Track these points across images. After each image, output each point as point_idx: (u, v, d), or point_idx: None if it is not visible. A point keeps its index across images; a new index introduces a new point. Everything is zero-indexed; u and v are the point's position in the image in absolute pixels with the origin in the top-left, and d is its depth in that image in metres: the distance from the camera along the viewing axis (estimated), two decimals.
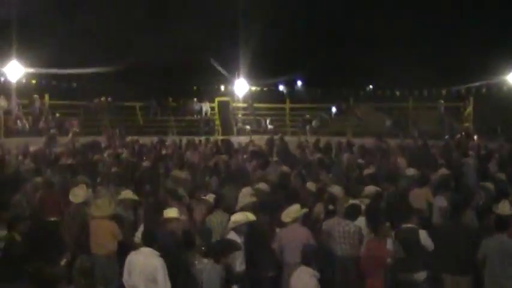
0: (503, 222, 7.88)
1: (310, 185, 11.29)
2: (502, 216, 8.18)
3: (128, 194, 9.99)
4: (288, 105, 32.57)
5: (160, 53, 32.30)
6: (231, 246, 7.32)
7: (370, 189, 10.33)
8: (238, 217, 8.11)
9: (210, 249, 7.31)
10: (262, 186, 10.88)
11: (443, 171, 12.75)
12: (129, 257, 7.12)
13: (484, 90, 29.69)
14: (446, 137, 25.23)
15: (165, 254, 7.03)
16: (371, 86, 39.36)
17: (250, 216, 8.13)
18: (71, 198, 9.91)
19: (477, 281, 8.02)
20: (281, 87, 39.82)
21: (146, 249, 7.02)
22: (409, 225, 8.09)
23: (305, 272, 6.76)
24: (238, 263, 7.94)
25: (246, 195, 9.90)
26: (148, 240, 7.11)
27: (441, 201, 10.26)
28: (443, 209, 9.86)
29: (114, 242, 8.76)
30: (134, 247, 7.59)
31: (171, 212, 8.39)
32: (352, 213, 8.76)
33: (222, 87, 33.77)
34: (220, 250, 7.16)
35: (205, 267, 7.35)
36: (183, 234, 7.84)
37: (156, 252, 6.96)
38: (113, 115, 29.05)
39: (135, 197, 10.04)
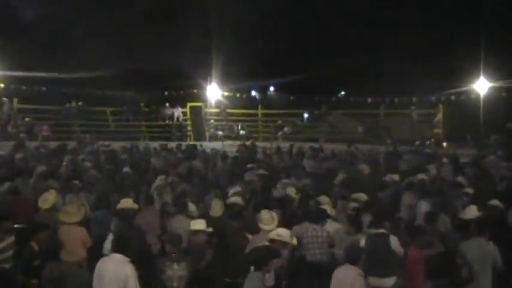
0: (481, 226, 7.99)
1: (291, 191, 11.35)
2: (469, 220, 8.32)
3: (128, 202, 9.75)
4: (260, 111, 32.61)
5: (133, 58, 32.07)
6: (272, 253, 7.18)
7: (360, 195, 10.39)
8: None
9: (251, 257, 7.17)
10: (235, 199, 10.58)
11: (422, 176, 12.96)
12: (99, 264, 6.96)
13: (453, 97, 30.13)
14: (417, 143, 25.52)
15: (136, 261, 6.93)
16: (343, 93, 39.64)
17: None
18: (40, 204, 9.76)
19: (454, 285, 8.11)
20: (254, 93, 39.79)
21: (117, 255, 6.88)
22: (380, 230, 8.14)
23: (352, 270, 6.75)
24: None
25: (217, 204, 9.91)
26: (120, 247, 6.98)
27: (424, 207, 10.35)
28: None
29: (84, 249, 8.64)
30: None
31: (199, 224, 8.25)
32: (320, 217, 8.79)
33: (195, 93, 33.65)
34: (262, 257, 6.98)
35: (176, 273, 7.32)
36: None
37: (127, 259, 6.83)
38: (84, 120, 28.72)
39: (135, 206, 9.85)
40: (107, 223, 9.52)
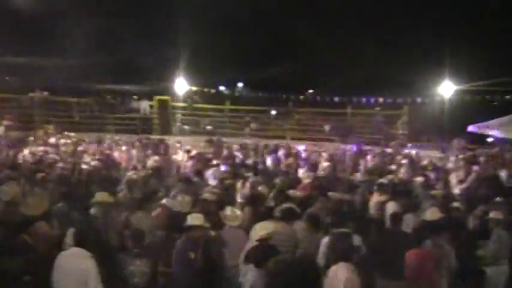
0: (436, 228, 8.11)
1: (263, 189, 11.34)
2: (430, 222, 8.45)
3: (103, 196, 9.58)
4: (228, 107, 32.56)
5: (101, 50, 31.72)
6: (272, 251, 7.17)
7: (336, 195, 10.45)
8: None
9: (251, 254, 7.13)
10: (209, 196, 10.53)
11: (391, 177, 13.10)
12: (59, 258, 6.82)
13: (418, 100, 30.53)
14: (382, 143, 25.80)
15: (97, 256, 6.83)
16: (311, 91, 39.87)
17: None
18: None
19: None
20: (222, 88, 39.75)
21: (77, 249, 6.76)
22: (343, 229, 8.19)
23: (344, 267, 6.78)
24: None
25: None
26: (80, 241, 6.87)
27: (393, 207, 10.44)
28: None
29: (46, 243, 8.48)
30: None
31: (196, 219, 7.96)
32: (289, 216, 8.80)
33: (162, 86, 33.46)
34: (262, 255, 6.98)
35: (138, 269, 7.26)
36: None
37: (87, 253, 6.72)
38: (48, 110, 28.24)
39: (111, 199, 9.71)
40: (68, 217, 9.37)
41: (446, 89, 29.06)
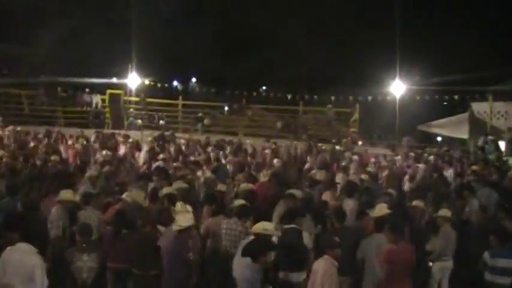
0: (380, 223, 8.27)
1: (221, 186, 11.33)
2: (377, 218, 8.63)
3: (67, 194, 9.29)
4: (181, 102, 32.38)
5: (53, 42, 31.09)
6: (269, 245, 7.22)
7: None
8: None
9: (247, 249, 7.15)
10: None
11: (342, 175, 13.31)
12: (4, 253, 6.66)
13: (370, 98, 31.02)
14: (334, 141, 26.11)
15: (44, 251, 6.73)
16: (264, 88, 40.02)
17: None
18: None
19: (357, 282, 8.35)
20: (175, 83, 39.44)
21: (24, 245, 6.62)
22: (292, 225, 8.28)
23: (325, 260, 6.90)
24: None
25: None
26: (26, 236, 6.73)
27: (350, 204, 10.58)
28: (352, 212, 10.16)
29: None
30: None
31: (188, 220, 7.95)
32: (243, 213, 8.83)
33: (114, 80, 33.01)
34: (259, 249, 7.01)
35: (86, 264, 7.20)
36: None
37: (34, 249, 6.59)
38: None
39: (76, 198, 9.48)
40: (14, 212, 9.17)
41: (398, 88, 29.58)
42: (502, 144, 24.11)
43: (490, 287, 8.04)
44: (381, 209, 9.16)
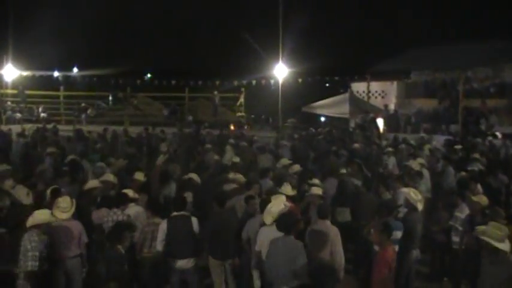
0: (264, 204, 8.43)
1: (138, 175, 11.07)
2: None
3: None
4: (62, 93, 31.25)
5: None
6: (296, 218, 7.41)
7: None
8: None
9: (281, 222, 7.16)
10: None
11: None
12: None
13: (254, 82, 31.44)
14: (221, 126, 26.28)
15: None
16: (149, 75, 39.53)
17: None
18: None
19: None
20: (56, 74, 37.96)
21: None
22: (182, 212, 8.30)
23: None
24: None
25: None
26: None
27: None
28: None
29: None
30: None
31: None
32: (121, 201, 8.77)
33: None
34: (291, 222, 7.10)
35: None
36: None
37: None
38: None
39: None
40: None
41: (280, 71, 30.03)
42: (380, 122, 25.33)
43: None
44: (287, 189, 9.41)
